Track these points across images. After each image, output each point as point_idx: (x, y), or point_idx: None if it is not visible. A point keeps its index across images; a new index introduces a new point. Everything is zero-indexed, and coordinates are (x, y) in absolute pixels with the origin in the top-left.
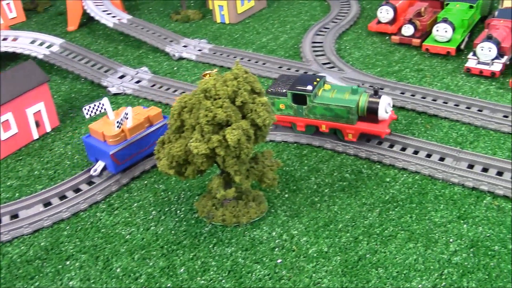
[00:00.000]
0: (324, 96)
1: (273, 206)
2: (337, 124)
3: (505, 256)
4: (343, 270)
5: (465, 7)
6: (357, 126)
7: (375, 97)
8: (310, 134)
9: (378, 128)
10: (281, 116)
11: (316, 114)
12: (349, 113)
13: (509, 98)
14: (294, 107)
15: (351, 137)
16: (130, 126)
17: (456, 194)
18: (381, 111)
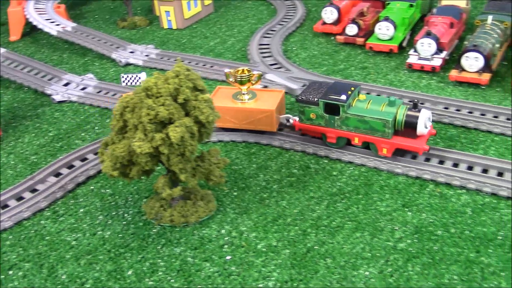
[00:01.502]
0: (359, 107)
1: (222, 205)
2: (371, 137)
3: (448, 240)
4: (292, 263)
5: (405, 6)
6: (393, 141)
7: (414, 111)
8: (340, 147)
9: (416, 144)
10: (311, 126)
11: (349, 126)
12: (385, 127)
13: (449, 91)
14: (326, 117)
15: (386, 152)
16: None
17: (401, 183)
18: (420, 126)
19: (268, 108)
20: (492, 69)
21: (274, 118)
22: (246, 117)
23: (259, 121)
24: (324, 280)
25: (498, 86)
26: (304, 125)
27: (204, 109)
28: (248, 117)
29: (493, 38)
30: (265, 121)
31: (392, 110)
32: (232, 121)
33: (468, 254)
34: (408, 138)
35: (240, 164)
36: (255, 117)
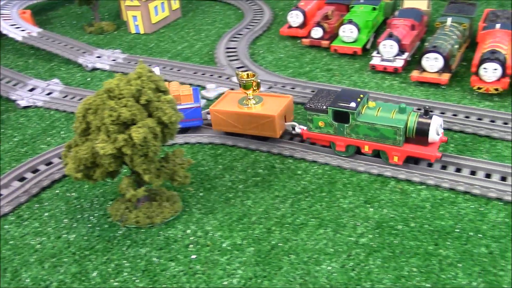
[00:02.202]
0: (369, 114)
1: (188, 205)
2: (382, 145)
3: (408, 233)
4: (256, 260)
5: (368, 9)
6: (404, 149)
7: (426, 118)
8: (348, 156)
9: (428, 152)
10: (319, 134)
11: (358, 134)
12: (396, 134)
13: (411, 91)
14: (335, 125)
15: (397, 160)
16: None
17: (363, 181)
18: (432, 133)
19: (271, 113)
20: (451, 69)
21: (277, 124)
22: (249, 122)
23: (262, 126)
24: (288, 276)
25: (458, 86)
26: (312, 133)
27: (167, 110)
28: (251, 122)
29: (452, 39)
30: (268, 127)
31: (403, 117)
32: (236, 126)
33: (427, 247)
34: (419, 146)
35: (206, 165)
36: (258, 123)
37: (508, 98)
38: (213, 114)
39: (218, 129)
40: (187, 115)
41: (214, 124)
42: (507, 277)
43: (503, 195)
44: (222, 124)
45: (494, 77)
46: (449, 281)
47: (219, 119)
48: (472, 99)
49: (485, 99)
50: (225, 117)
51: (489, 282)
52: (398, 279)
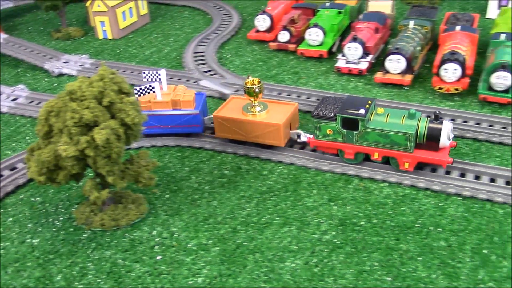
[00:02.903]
0: (378, 120)
1: (154, 207)
2: (392, 152)
3: (370, 229)
4: (221, 259)
5: (334, 13)
6: (415, 155)
7: (436, 123)
8: (357, 163)
9: (439, 157)
10: (327, 142)
11: (368, 141)
12: (407, 140)
13: (375, 92)
14: (343, 132)
15: (408, 167)
16: (156, 100)
17: (327, 180)
18: (443, 138)
19: (277, 122)
20: (414, 70)
21: (282, 132)
22: (254, 130)
23: (267, 134)
24: (252, 274)
25: (420, 87)
26: (320, 141)
27: (130, 111)
28: (255, 130)
29: (414, 41)
30: (273, 135)
31: (413, 123)
32: (241, 133)
33: (389, 242)
34: (430, 151)
35: (173, 168)
36: (263, 131)
37: (468, 97)
38: (216, 121)
39: (221, 136)
40: (185, 121)
41: (217, 130)
42: (464, 269)
43: (461, 191)
44: (225, 131)
45: (454, 78)
46: (409, 274)
47: (222, 126)
48: (434, 99)
49: (446, 99)
50: (229, 124)
51: (447, 274)
52: (360, 273)
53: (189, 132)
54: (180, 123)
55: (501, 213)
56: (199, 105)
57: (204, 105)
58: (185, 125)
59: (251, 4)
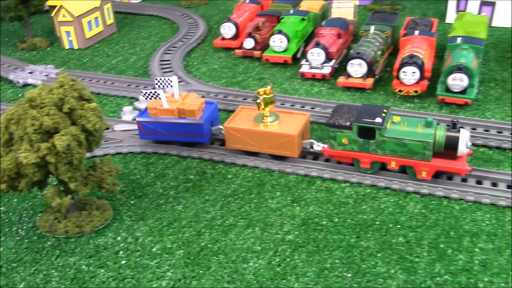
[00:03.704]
0: (395, 129)
1: (119, 213)
2: (409, 160)
3: (332, 228)
4: (185, 262)
5: (297, 20)
6: (433, 163)
7: (454, 131)
8: (372, 173)
9: (457, 165)
10: (342, 151)
11: (385, 150)
12: (425, 149)
13: (338, 96)
14: (360, 141)
15: (425, 175)
16: (162, 108)
17: (291, 182)
18: (462, 147)
19: (291, 132)
20: (375, 74)
21: (296, 143)
22: (266, 141)
23: (280, 145)
24: (216, 275)
25: (382, 90)
26: (335, 151)
27: (90, 117)
28: (268, 141)
29: (375, 46)
30: (286, 146)
31: (431, 131)
32: (253, 144)
33: (349, 239)
34: (448, 160)
35: (138, 174)
36: (276, 142)
37: (427, 99)
38: (227, 132)
39: (231, 147)
40: (189, 130)
41: (228, 141)
42: (422, 263)
43: (420, 189)
44: (236, 142)
45: (413, 80)
46: (369, 270)
47: (233, 137)
48: (395, 101)
49: (407, 101)
50: (241, 135)
51: (405, 269)
52: (321, 271)
53: (193, 141)
54: (184, 132)
55: (457, 208)
56: (207, 115)
57: (214, 114)
58: (188, 135)
59: (218, 12)
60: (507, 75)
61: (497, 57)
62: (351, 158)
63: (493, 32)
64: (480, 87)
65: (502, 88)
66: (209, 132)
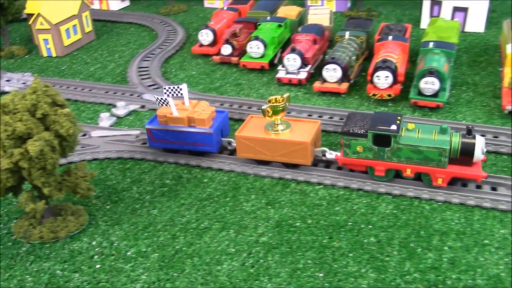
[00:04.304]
0: (410, 136)
1: (95, 218)
2: (425, 168)
3: (305, 230)
4: (160, 265)
5: (274, 26)
6: (449, 170)
7: (469, 137)
8: (386, 180)
9: (473, 172)
10: (357, 159)
11: (400, 157)
12: (441, 156)
13: (314, 100)
14: (374, 149)
15: (441, 182)
16: (172, 116)
17: (266, 185)
18: (478, 153)
19: (303, 140)
20: (350, 79)
21: (309, 150)
22: (279, 149)
23: (293, 153)
24: (190, 277)
25: (356, 94)
26: (349, 159)
27: (64, 122)
28: (281, 149)
29: (350, 51)
30: (299, 154)
31: (446, 138)
32: (265, 152)
33: (322, 240)
34: (463, 166)
35: (114, 180)
36: (289, 149)
37: (401, 103)
38: (238, 141)
39: (243, 156)
40: (198, 139)
41: (239, 151)
42: (392, 262)
43: (391, 190)
44: (248, 151)
45: (386, 84)
46: (341, 269)
47: (245, 146)
48: (369, 105)
49: (381, 104)
50: (252, 144)
51: (376, 268)
52: (294, 271)
53: (202, 151)
54: (193, 141)
55: (428, 208)
56: (217, 124)
57: (224, 123)
58: (197, 144)
59: (197, 19)
60: (478, 78)
61: (469, 61)
62: (365, 166)
63: (466, 37)
64: (452, 90)
65: (473, 91)
66: (219, 141)
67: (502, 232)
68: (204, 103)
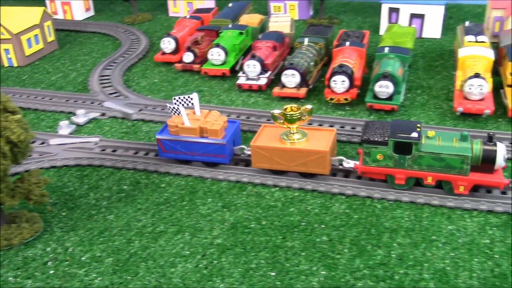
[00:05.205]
0: (430, 144)
1: (50, 225)
2: (447, 175)
3: (259, 231)
4: (114, 269)
5: (235, 34)
6: (471, 177)
7: (491, 144)
8: (406, 189)
9: (495, 179)
10: (376, 168)
11: (421, 165)
12: (463, 163)
13: (273, 106)
14: (395, 157)
15: (463, 190)
16: (184, 126)
17: (223, 188)
18: (499, 160)
19: (321, 148)
20: (309, 84)
21: (328, 159)
22: (296, 159)
23: (311, 163)
24: (143, 280)
25: (315, 99)
26: (369, 167)
27: (15, 129)
28: (298, 159)
29: (308, 57)
30: (317, 163)
31: (467, 145)
32: (281, 162)
33: (275, 240)
34: (485, 173)
35: (71, 186)
36: (307, 159)
37: (357, 106)
38: (254, 151)
39: (258, 166)
40: (211, 150)
41: (254, 161)
42: (343, 259)
43: (344, 190)
44: (263, 161)
45: (343, 88)
46: (293, 268)
47: (261, 156)
48: (327, 109)
49: (338, 109)
50: (268, 154)
51: (327, 265)
52: (246, 271)
53: (214, 162)
54: (205, 152)
55: (379, 207)
56: (229, 134)
57: (236, 133)
58: (210, 155)
59: (161, 28)
60: (433, 82)
61: (425, 66)
62: (385, 175)
63: (423, 42)
64: (408, 94)
65: (428, 94)
66: (231, 152)
67: (449, 228)
68: (215, 112)
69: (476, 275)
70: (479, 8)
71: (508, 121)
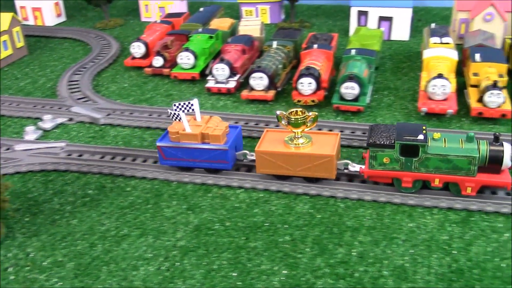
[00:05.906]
0: (437, 146)
1: (12, 231)
2: (454, 177)
3: (223, 232)
4: (75, 273)
5: (205, 38)
6: (478, 178)
7: (497, 145)
8: (413, 192)
9: (502, 179)
10: (383, 171)
11: (428, 167)
12: (470, 164)
13: (242, 108)
14: (402, 160)
15: (470, 191)
16: (185, 132)
17: (188, 191)
18: (506, 160)
19: (328, 153)
20: (277, 86)
21: (334, 164)
22: (301, 163)
23: (317, 167)
24: (105, 283)
25: (283, 101)
26: (376, 171)
27: None
28: (304, 163)
29: (277, 60)
30: (323, 168)
31: (474, 146)
32: (286, 167)
33: (238, 241)
34: (492, 174)
35: (36, 192)
36: (312, 163)
37: (325, 108)
38: (258, 156)
39: (263, 172)
40: (213, 156)
41: (259, 166)
42: (304, 258)
43: (309, 190)
44: (268, 166)
45: (310, 90)
46: (254, 268)
47: (265, 161)
48: None
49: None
50: (273, 159)
51: (289, 265)
52: (208, 272)
53: (216, 168)
54: (207, 158)
55: (342, 206)
56: (231, 140)
57: (238, 139)
58: (212, 161)
59: (133, 33)
60: (400, 83)
61: (393, 67)
62: (392, 178)
63: (391, 45)
64: (375, 95)
65: (394, 95)
66: (233, 158)
67: (410, 226)
68: (216, 118)
69: (434, 271)
70: (446, 11)
71: (471, 121)
